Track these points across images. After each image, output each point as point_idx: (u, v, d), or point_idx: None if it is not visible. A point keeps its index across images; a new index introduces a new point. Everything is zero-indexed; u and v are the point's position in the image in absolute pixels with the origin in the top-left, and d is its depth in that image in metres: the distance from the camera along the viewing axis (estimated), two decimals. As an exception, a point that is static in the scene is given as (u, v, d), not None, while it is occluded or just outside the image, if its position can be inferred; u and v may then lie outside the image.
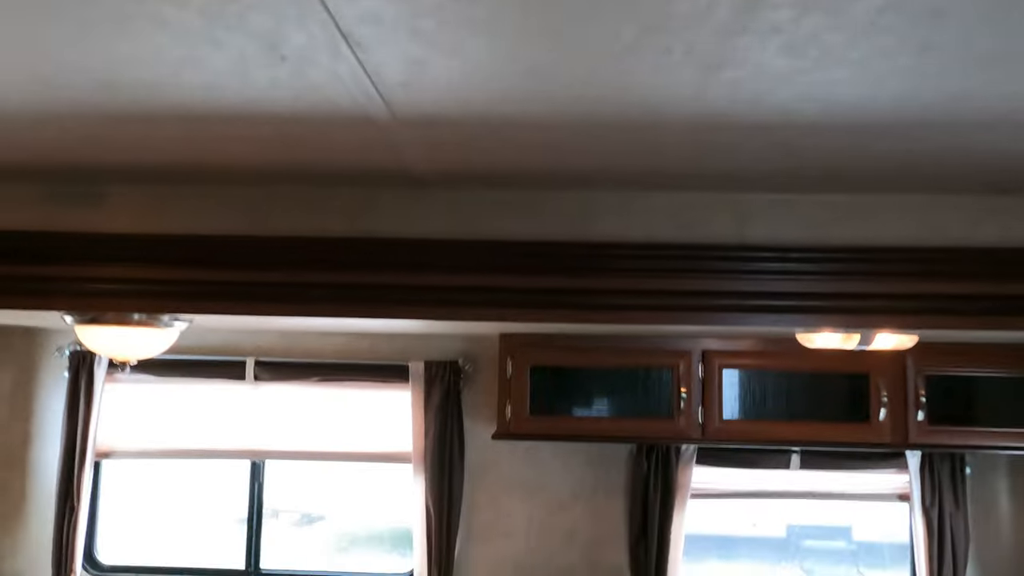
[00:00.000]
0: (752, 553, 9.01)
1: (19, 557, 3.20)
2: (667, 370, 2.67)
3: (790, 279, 1.73)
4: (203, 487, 8.95)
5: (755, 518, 9.74)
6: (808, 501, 8.29)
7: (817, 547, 9.50)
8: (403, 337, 3.16)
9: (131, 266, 1.84)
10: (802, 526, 9.60)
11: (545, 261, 1.76)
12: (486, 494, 3.12)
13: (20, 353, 3.28)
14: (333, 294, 1.86)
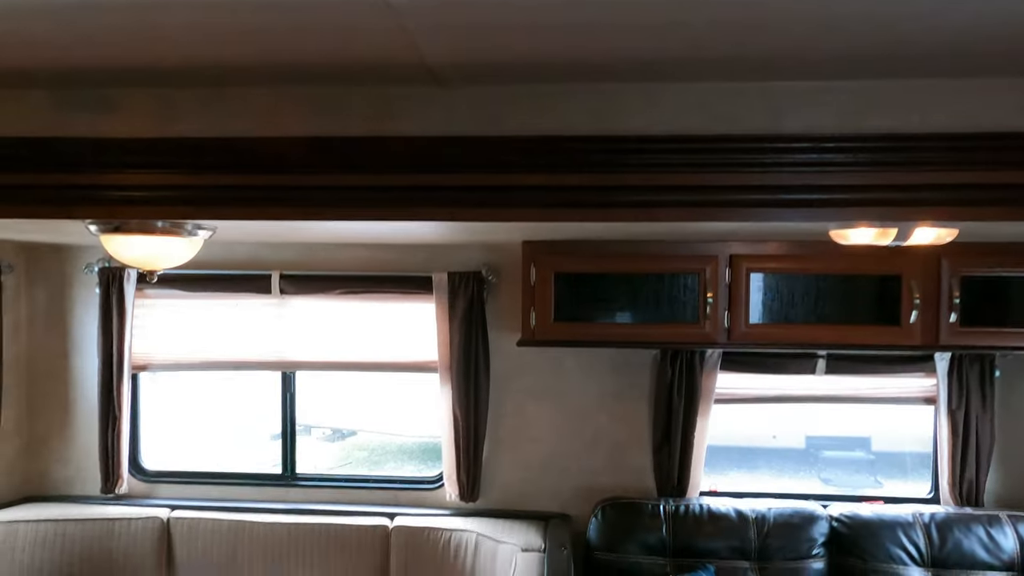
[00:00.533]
0: (772, 464, 9.21)
1: (69, 465, 3.36)
2: (693, 275, 2.63)
3: (826, 171, 1.66)
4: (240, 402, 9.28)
5: (775, 431, 9.86)
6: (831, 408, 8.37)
7: (836, 457, 9.65)
8: (425, 248, 3.15)
9: (148, 172, 1.81)
10: (821, 437, 9.73)
11: (570, 158, 1.69)
12: (512, 401, 3.18)
13: (51, 271, 3.33)
14: (352, 196, 1.83)
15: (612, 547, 2.80)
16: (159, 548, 3.09)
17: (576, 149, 1.68)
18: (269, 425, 10.07)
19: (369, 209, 1.98)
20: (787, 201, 1.68)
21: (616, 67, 1.60)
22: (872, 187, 1.65)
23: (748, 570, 2.73)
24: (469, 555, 2.92)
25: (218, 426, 10.03)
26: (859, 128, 1.64)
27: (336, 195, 1.89)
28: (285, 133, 1.76)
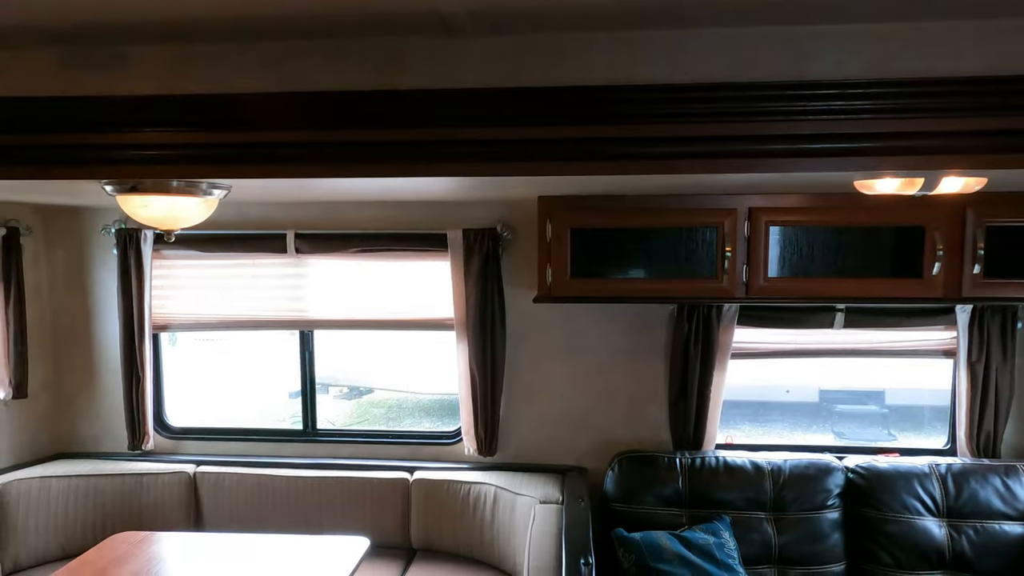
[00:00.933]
0: (785, 418, 9.25)
1: (96, 423, 3.44)
2: (711, 229, 2.59)
3: (852, 119, 1.61)
4: (259, 361, 9.38)
5: (789, 385, 9.88)
6: (846, 362, 8.36)
7: (849, 411, 9.67)
8: (440, 205, 3.13)
9: (161, 131, 1.80)
10: (835, 391, 9.73)
11: (588, 109, 1.65)
12: (528, 357, 3.20)
13: (70, 233, 3.35)
14: (365, 152, 1.80)
15: (628, 499, 2.84)
16: (187, 501, 3.18)
17: (595, 100, 1.64)
18: (286, 383, 10.24)
19: (384, 165, 1.95)
20: (812, 151, 1.64)
21: (636, 12, 1.54)
22: (900, 135, 1.61)
23: (763, 520, 2.77)
24: (488, 507, 2.98)
25: (238, 385, 10.22)
26: (887, 73, 1.59)
27: (349, 152, 1.87)
28: (297, 88, 1.73)
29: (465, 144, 1.74)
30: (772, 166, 1.75)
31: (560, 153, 1.69)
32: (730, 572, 2.51)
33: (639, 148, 1.63)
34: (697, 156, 1.65)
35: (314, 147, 1.81)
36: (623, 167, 1.77)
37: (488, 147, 1.74)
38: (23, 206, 3.19)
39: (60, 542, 3.06)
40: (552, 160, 1.74)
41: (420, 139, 1.74)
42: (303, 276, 3.22)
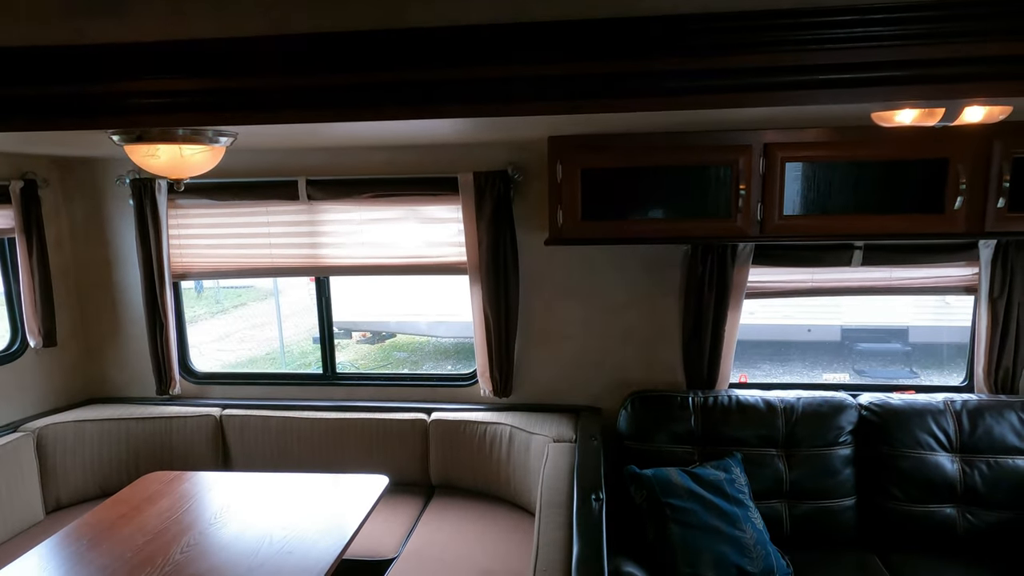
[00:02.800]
0: (805, 357, 9.22)
1: (125, 369, 3.56)
2: (726, 167, 2.53)
3: (870, 47, 1.54)
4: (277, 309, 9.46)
5: (810, 324, 9.76)
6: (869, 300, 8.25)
7: (871, 350, 9.60)
8: (451, 148, 3.09)
9: (164, 78, 1.78)
10: (857, 329, 9.62)
11: (592, 44, 1.60)
12: (542, 300, 3.21)
13: (85, 184, 3.39)
14: (373, 96, 1.77)
15: (641, 437, 2.89)
16: (214, 442, 3.30)
17: (598, 34, 1.59)
18: (299, 329, 10.39)
19: (392, 108, 1.92)
20: (827, 82, 1.58)
21: (641, -62, 1.47)
22: (921, 62, 1.54)
23: (775, 457, 2.80)
24: (503, 446, 3.06)
25: (256, 333, 10.40)
26: (911, -6, 1.50)
27: (356, 95, 1.84)
28: (299, 31, 1.69)
29: (475, 84, 1.71)
30: (788, 99, 1.69)
31: (564, 91, 1.64)
32: (740, 506, 2.56)
33: (644, 84, 1.58)
34: (705, 91, 1.60)
35: (319, 91, 1.78)
36: (628, 104, 1.72)
37: (499, 86, 1.70)
38: (39, 159, 3.22)
39: (97, 481, 3.22)
40: (556, 99, 1.70)
41: (428, 79, 1.71)
42: (317, 222, 3.23)
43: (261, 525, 2.32)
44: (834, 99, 1.66)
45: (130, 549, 2.19)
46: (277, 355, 9.51)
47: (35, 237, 3.12)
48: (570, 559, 1.93)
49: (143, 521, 2.37)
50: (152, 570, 2.06)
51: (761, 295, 3.07)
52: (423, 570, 2.57)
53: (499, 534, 2.81)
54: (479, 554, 2.66)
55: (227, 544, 2.21)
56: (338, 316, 9.28)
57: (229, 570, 2.06)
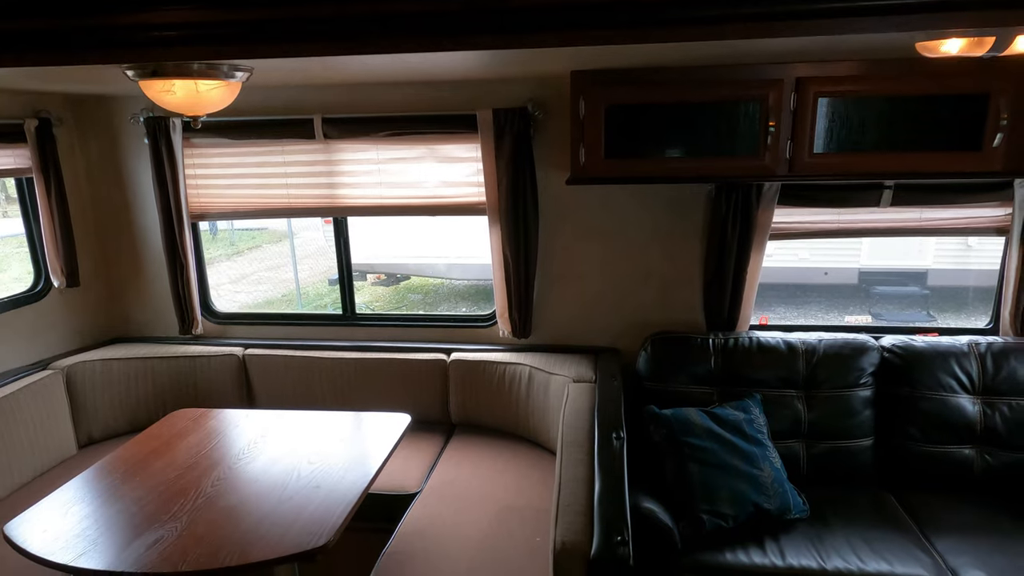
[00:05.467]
0: (822, 301, 9.15)
1: (147, 309, 3.60)
2: (754, 102, 2.44)
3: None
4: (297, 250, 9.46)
5: (827, 267, 9.66)
6: (887, 243, 8.11)
7: (889, 293, 9.50)
8: (469, 85, 3.01)
9: (179, 9, 1.72)
10: (875, 272, 9.50)
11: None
12: (562, 240, 3.18)
13: (100, 123, 3.35)
14: (388, 26, 1.71)
15: (661, 378, 2.90)
16: (238, 380, 3.36)
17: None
18: (314, 271, 10.43)
19: (409, 38, 1.86)
20: (870, 8, 1.50)
21: None
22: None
23: (795, 398, 2.81)
24: (523, 386, 3.09)
25: (272, 274, 10.46)
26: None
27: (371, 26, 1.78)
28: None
29: (492, 14, 1.63)
30: (827, 28, 1.60)
31: (586, 21, 1.57)
32: (758, 446, 2.59)
33: (672, 13, 1.50)
34: (740, 19, 1.52)
35: (334, 22, 1.72)
36: (659, 35, 1.65)
37: (519, 16, 1.63)
38: (53, 96, 3.17)
39: (126, 418, 3.30)
40: (589, 28, 1.63)
41: (446, 10, 1.64)
42: (334, 162, 3.19)
43: (288, 460, 2.37)
44: (878, 27, 1.58)
45: (163, 482, 2.25)
46: (293, 296, 9.58)
47: (52, 176, 3.11)
48: (592, 495, 1.97)
49: (174, 456, 2.44)
50: (185, 502, 2.12)
51: (785, 236, 3.01)
52: (445, 505, 2.64)
53: (519, 471, 2.87)
54: (499, 490, 2.72)
55: (256, 477, 2.26)
56: (354, 258, 9.33)
57: (259, 502, 2.11)
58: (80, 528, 2.01)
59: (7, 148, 2.95)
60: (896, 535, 2.42)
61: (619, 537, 1.77)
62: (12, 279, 8.41)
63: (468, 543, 2.39)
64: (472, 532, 2.45)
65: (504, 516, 2.55)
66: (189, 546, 1.91)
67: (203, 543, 1.92)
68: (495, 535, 2.43)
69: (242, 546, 1.90)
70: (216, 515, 2.05)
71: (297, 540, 1.92)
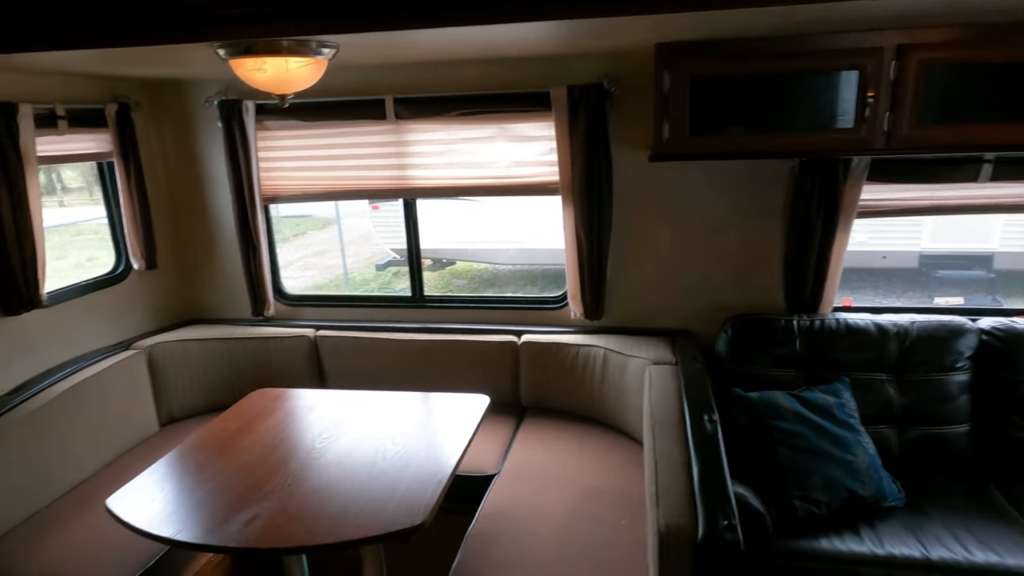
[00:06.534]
0: (878, 286, 8.84)
1: (219, 292, 3.65)
2: (852, 72, 2.33)
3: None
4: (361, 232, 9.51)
5: (885, 251, 9.30)
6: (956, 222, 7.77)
7: (952, 277, 9.12)
8: (542, 61, 2.94)
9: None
10: (936, 255, 9.12)
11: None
12: (635, 220, 3.10)
13: (174, 107, 3.39)
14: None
15: (742, 360, 2.82)
16: (310, 361, 3.39)
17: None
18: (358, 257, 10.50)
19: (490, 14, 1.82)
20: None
21: None
22: None
23: (885, 382, 2.70)
24: (598, 368, 3.04)
25: (318, 260, 10.58)
26: None
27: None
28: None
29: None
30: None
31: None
32: (850, 430, 2.50)
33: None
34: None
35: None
36: None
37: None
38: (129, 82, 3.22)
39: (204, 397, 3.37)
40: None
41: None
42: (404, 143, 3.17)
43: (372, 440, 2.38)
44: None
45: (251, 461, 2.28)
46: (340, 282, 9.69)
47: (132, 160, 3.16)
48: (690, 478, 1.92)
49: (259, 435, 2.47)
50: (275, 481, 2.14)
51: (873, 214, 2.88)
52: (525, 486, 2.62)
53: (595, 454, 2.83)
54: (577, 472, 2.69)
55: (342, 457, 2.27)
56: (399, 243, 9.37)
57: (348, 481, 2.12)
58: (177, 503, 2.04)
59: (90, 132, 3.01)
60: (1001, 526, 2.31)
61: (726, 521, 1.71)
62: (71, 266, 8.68)
63: (553, 524, 2.37)
64: (556, 513, 2.43)
65: (586, 498, 2.52)
66: (285, 523, 1.92)
67: (298, 521, 1.93)
68: (580, 516, 2.40)
69: (337, 525, 1.91)
70: (307, 494, 2.07)
71: (392, 519, 1.92)
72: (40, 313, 2.85)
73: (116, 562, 2.30)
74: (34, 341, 2.85)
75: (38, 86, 2.77)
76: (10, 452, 2.50)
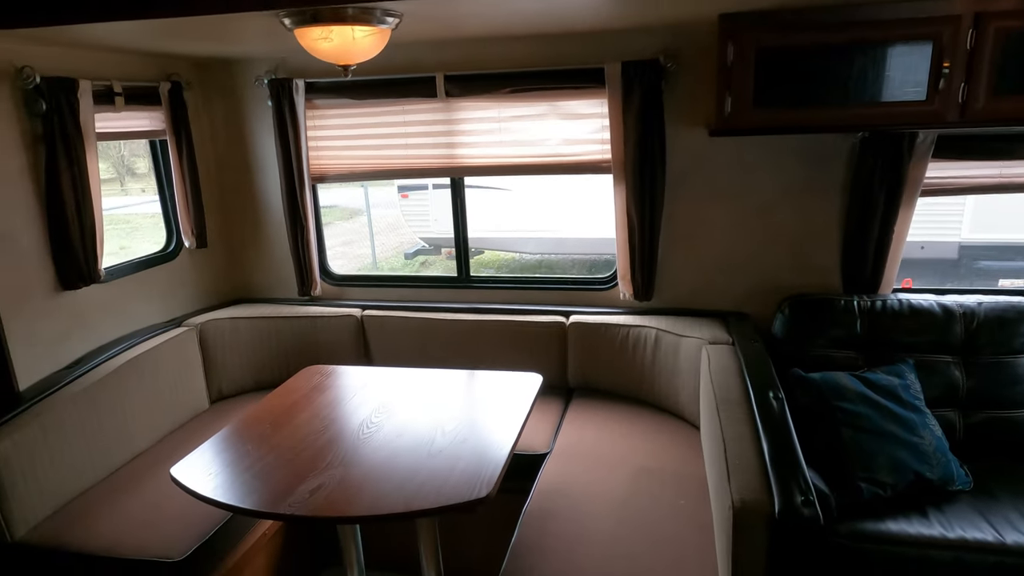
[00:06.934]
0: (916, 277, 8.66)
1: (267, 272, 3.67)
2: (927, 41, 2.25)
3: None
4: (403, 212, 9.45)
5: (923, 240, 9.09)
6: (1001, 209, 7.52)
7: (995, 268, 8.89)
8: (596, 37, 2.90)
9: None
10: (978, 246, 8.89)
11: None
12: (688, 199, 3.05)
13: (223, 87, 3.40)
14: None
15: (799, 342, 2.76)
16: (356, 340, 3.40)
17: None
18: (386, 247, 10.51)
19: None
20: None
21: None
22: None
23: (951, 364, 2.63)
24: (648, 348, 3.00)
25: (346, 249, 10.63)
26: None
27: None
28: None
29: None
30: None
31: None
32: (917, 412, 2.43)
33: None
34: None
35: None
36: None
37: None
38: (180, 60, 3.23)
39: (252, 374, 3.39)
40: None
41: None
42: (454, 121, 3.15)
43: (429, 415, 2.36)
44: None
45: (310, 433, 2.28)
46: (370, 270, 9.73)
47: (184, 139, 3.18)
48: (761, 454, 1.88)
49: (314, 409, 2.47)
50: (336, 453, 2.14)
51: (938, 192, 2.80)
52: (578, 465, 2.59)
53: (646, 434, 2.80)
54: (630, 452, 2.66)
55: (400, 431, 2.26)
56: (432, 232, 9.38)
57: (409, 453, 2.11)
58: (238, 473, 2.05)
59: (144, 110, 3.03)
60: (1078, 511, 2.23)
61: (802, 497, 1.67)
62: (106, 253, 8.82)
63: (610, 502, 2.34)
64: (612, 492, 2.40)
65: (640, 477, 2.49)
66: (351, 494, 1.92)
67: (364, 491, 1.92)
68: (636, 495, 2.38)
69: (402, 495, 1.90)
70: (369, 466, 2.06)
71: (455, 491, 1.91)
72: (97, 289, 2.88)
73: (172, 535, 2.32)
74: (90, 316, 2.88)
75: (96, 63, 2.79)
76: (68, 425, 2.54)
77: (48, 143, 2.54)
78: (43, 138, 2.56)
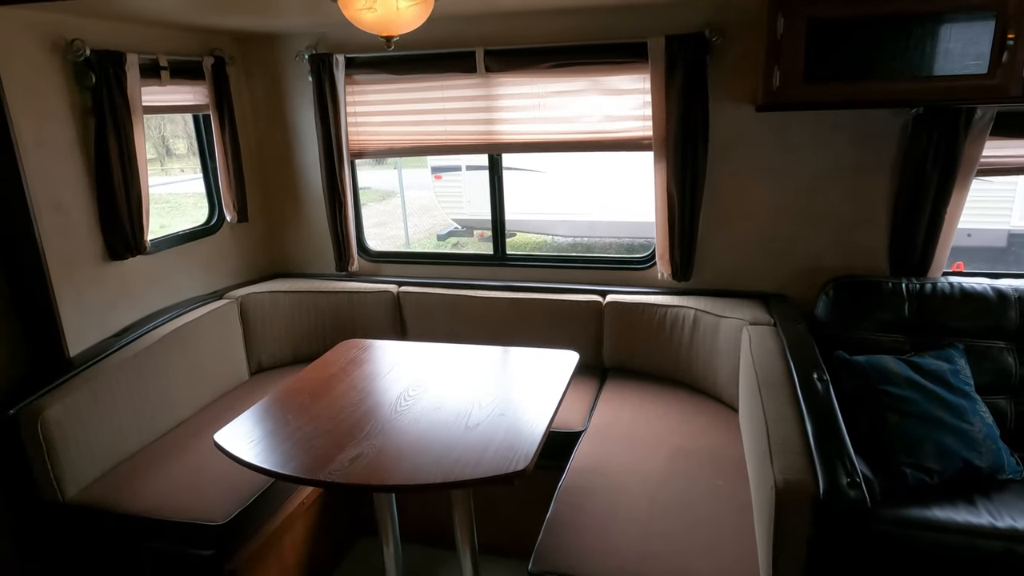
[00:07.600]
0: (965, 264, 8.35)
1: (305, 248, 3.71)
2: (988, 12, 2.15)
3: None
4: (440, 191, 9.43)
5: (970, 228, 8.82)
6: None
7: (1043, 256, 8.47)
8: (638, 10, 2.84)
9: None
10: (1028, 235, 8.47)
11: None
12: (730, 177, 2.99)
13: (264, 62, 3.43)
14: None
15: (844, 324, 2.70)
16: (393, 315, 3.42)
17: None
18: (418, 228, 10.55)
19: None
20: None
21: None
22: None
23: (1004, 350, 2.54)
24: (687, 329, 2.96)
25: (379, 231, 10.69)
26: None
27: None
28: None
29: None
30: None
31: None
32: (966, 398, 2.36)
33: None
34: None
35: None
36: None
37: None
38: (222, 35, 3.26)
39: (291, 348, 3.44)
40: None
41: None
42: (493, 96, 3.12)
43: (465, 390, 2.37)
44: None
45: (349, 404, 2.31)
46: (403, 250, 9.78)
47: (226, 113, 3.22)
48: (805, 435, 1.84)
49: (352, 381, 2.49)
50: (375, 424, 2.16)
51: (995, 172, 2.70)
52: (613, 444, 2.58)
53: (683, 415, 2.77)
54: (666, 432, 2.64)
55: (438, 404, 2.28)
56: (465, 213, 9.38)
57: (447, 425, 2.12)
58: (279, 441, 2.08)
59: (188, 84, 3.07)
60: None
61: (848, 479, 1.64)
62: (149, 230, 9.01)
63: (646, 481, 2.33)
64: (648, 471, 2.39)
65: (677, 457, 2.47)
66: (391, 463, 1.93)
67: (403, 461, 1.94)
68: (673, 474, 2.36)
69: (441, 466, 1.91)
70: (408, 437, 2.08)
71: (493, 464, 1.91)
72: (142, 260, 2.95)
73: (215, 499, 2.37)
74: (136, 286, 2.95)
75: (142, 37, 2.83)
76: (117, 391, 2.60)
77: (97, 116, 2.59)
78: (92, 111, 2.60)
